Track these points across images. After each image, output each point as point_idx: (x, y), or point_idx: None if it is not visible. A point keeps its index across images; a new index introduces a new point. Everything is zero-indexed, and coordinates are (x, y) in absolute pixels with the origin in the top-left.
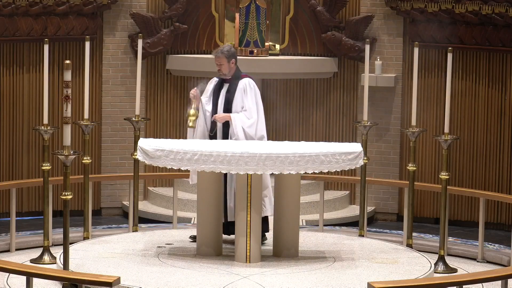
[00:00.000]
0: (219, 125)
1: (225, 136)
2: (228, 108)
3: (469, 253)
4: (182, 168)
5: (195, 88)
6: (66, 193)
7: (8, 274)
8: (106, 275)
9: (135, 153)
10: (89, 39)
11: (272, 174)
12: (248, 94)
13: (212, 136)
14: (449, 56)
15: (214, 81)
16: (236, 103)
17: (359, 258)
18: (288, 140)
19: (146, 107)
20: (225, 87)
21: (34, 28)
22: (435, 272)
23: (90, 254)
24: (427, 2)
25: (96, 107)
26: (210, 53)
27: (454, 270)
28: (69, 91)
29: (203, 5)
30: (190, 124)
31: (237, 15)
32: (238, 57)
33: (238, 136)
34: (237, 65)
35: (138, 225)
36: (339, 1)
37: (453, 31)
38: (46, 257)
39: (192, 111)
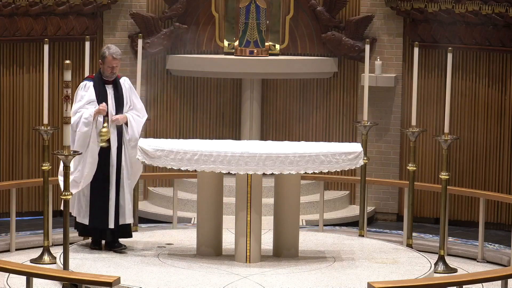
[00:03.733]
0: (113, 133)
1: (119, 141)
2: (120, 109)
3: (469, 253)
4: (182, 168)
5: (104, 103)
6: (66, 193)
7: (8, 274)
8: (106, 275)
9: None
10: (89, 39)
11: (272, 174)
12: (133, 92)
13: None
14: (449, 56)
15: (90, 85)
16: (125, 103)
17: (359, 258)
18: (288, 140)
19: (146, 107)
20: (110, 88)
21: (34, 28)
22: (435, 272)
23: (90, 254)
24: (427, 2)
25: None
26: (210, 53)
27: (454, 270)
28: (69, 91)
29: (203, 5)
30: (102, 144)
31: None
32: (238, 57)
33: (136, 137)
34: None
35: (138, 225)
36: (339, 1)
37: (453, 31)
38: (46, 257)
39: (104, 129)
